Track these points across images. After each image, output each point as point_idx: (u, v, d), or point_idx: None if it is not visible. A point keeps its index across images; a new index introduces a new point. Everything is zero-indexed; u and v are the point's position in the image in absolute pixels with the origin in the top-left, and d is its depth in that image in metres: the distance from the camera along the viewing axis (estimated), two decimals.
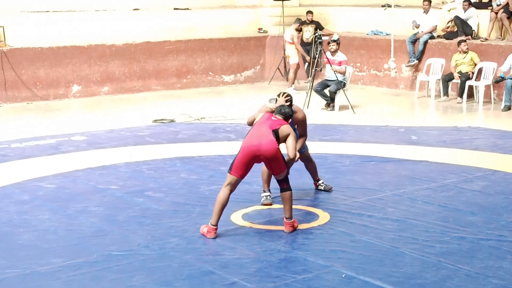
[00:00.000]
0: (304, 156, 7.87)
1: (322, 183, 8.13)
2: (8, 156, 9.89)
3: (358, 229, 6.82)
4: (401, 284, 5.57)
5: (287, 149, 6.72)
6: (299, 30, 16.12)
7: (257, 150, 6.53)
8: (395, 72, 15.72)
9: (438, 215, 7.22)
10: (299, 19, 16.18)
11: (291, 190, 6.77)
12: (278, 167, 6.66)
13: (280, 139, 6.67)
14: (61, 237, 6.71)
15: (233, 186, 6.64)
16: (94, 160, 9.64)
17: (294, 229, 6.80)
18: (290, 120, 7.10)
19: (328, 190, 8.06)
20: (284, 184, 6.74)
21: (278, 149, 6.62)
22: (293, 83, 15.76)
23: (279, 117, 6.84)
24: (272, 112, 6.96)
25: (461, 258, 6.04)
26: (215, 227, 6.60)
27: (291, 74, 15.84)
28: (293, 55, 15.74)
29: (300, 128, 7.53)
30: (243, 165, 6.57)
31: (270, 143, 6.55)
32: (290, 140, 6.69)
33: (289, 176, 6.83)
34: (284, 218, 6.80)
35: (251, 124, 6.98)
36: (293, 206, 6.87)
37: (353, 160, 9.59)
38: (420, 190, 8.10)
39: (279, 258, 6.14)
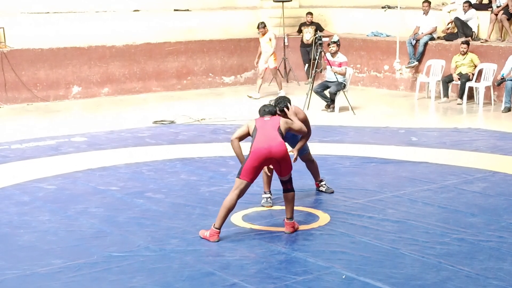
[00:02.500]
0: (306, 157, 7.89)
1: (325, 184, 8.13)
2: (8, 157, 9.89)
3: (358, 230, 6.82)
4: (401, 285, 5.57)
5: (296, 128, 6.94)
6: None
7: (268, 153, 6.56)
8: (400, 73, 15.66)
9: (438, 217, 7.22)
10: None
11: (294, 191, 6.82)
12: (286, 167, 6.72)
13: (284, 131, 6.80)
14: (61, 238, 6.71)
15: (242, 191, 6.64)
16: (94, 161, 9.63)
17: (295, 230, 6.82)
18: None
19: (329, 193, 8.06)
20: (288, 185, 6.78)
21: (287, 150, 6.71)
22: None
23: (269, 116, 6.88)
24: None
25: (461, 260, 6.04)
26: (218, 230, 6.59)
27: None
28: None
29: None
30: (254, 169, 6.60)
31: (279, 145, 6.61)
32: (294, 123, 6.95)
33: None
34: (285, 219, 6.82)
35: (241, 139, 6.87)
36: (294, 208, 6.87)
37: (353, 161, 9.59)
38: (420, 192, 8.10)
39: (279, 259, 6.14)
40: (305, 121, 7.47)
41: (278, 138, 6.64)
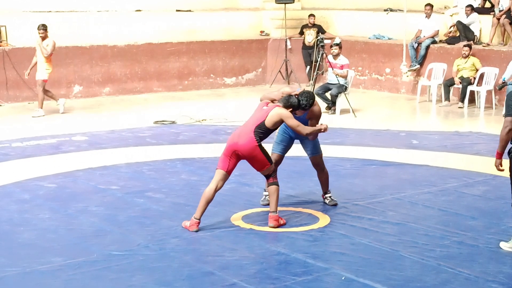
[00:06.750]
0: (317, 160, 7.60)
1: (330, 197, 7.73)
2: (9, 155, 9.89)
3: (358, 232, 6.82)
4: (401, 287, 5.57)
5: (290, 124, 6.73)
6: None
7: (235, 145, 6.70)
8: (407, 76, 15.64)
9: (438, 219, 7.22)
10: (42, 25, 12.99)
11: (278, 185, 6.87)
12: (257, 164, 6.79)
13: (272, 126, 6.70)
14: (61, 236, 6.71)
15: (220, 182, 6.75)
16: (95, 160, 9.64)
17: (279, 224, 6.88)
18: (304, 112, 7.09)
19: (331, 205, 7.67)
20: (271, 179, 6.87)
21: (256, 147, 6.68)
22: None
23: (278, 103, 6.78)
24: (272, 101, 6.89)
25: (461, 262, 6.05)
26: (198, 220, 6.77)
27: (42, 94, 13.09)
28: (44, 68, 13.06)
29: (315, 122, 7.36)
30: (225, 157, 6.73)
31: (247, 142, 6.65)
32: (292, 119, 6.71)
33: (289, 177, 6.84)
34: (270, 212, 6.90)
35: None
36: (294, 209, 6.92)
37: (354, 163, 9.59)
38: (421, 194, 8.10)
39: (279, 260, 6.14)
40: (318, 116, 7.35)
41: (249, 134, 6.67)
